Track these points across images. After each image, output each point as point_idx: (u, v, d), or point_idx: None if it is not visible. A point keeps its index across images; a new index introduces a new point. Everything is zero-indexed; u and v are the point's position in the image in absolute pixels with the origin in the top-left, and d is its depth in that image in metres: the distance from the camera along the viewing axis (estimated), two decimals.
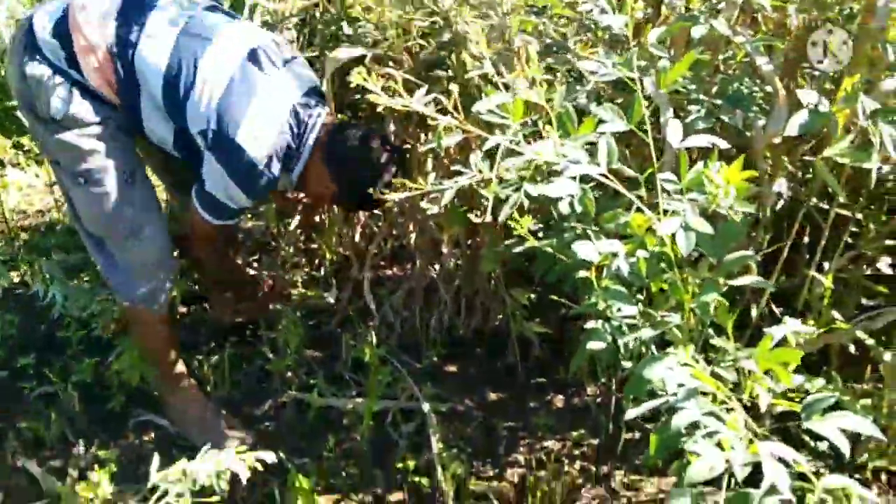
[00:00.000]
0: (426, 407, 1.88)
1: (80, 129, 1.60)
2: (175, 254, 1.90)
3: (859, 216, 1.81)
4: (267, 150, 1.59)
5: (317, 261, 2.52)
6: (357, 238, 2.49)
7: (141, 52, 1.58)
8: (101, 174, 1.64)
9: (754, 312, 1.77)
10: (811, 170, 1.72)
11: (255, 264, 2.51)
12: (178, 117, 1.61)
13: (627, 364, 1.32)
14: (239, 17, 1.79)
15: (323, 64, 1.82)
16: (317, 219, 2.39)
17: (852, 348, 1.86)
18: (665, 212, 1.16)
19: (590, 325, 1.26)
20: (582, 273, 1.26)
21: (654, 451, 1.01)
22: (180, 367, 1.91)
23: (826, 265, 1.73)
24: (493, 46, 1.22)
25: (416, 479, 1.79)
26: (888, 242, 1.82)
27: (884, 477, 1.78)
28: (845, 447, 0.94)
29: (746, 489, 0.95)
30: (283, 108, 1.62)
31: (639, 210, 1.18)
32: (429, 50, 1.56)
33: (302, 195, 2.04)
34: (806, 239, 1.93)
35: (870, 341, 1.68)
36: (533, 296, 2.06)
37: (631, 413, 1.07)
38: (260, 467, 1.04)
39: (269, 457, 1.04)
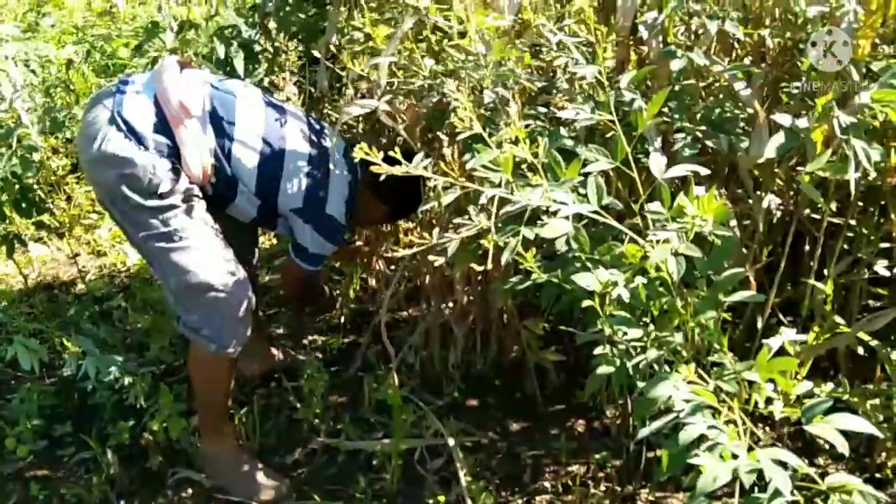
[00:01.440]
0: (451, 442, 1.94)
1: (178, 194, 1.79)
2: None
3: (853, 222, 1.88)
4: (345, 204, 1.97)
5: (336, 308, 2.62)
6: (373, 283, 2.59)
7: (236, 156, 1.86)
8: (194, 227, 1.81)
9: (760, 324, 1.82)
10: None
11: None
12: (269, 200, 1.93)
13: (641, 384, 1.39)
14: (284, 105, 2.02)
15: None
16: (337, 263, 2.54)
17: (861, 351, 1.92)
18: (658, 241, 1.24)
19: (598, 350, 1.33)
20: (586, 302, 1.32)
21: (666, 467, 1.07)
22: (228, 415, 2.01)
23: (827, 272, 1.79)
24: (476, 111, 1.32)
25: None
26: (883, 245, 1.89)
27: None
28: (844, 447, 1.00)
29: (758, 495, 1.01)
30: (345, 169, 1.98)
31: (632, 240, 1.26)
32: (424, 106, 1.66)
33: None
34: (807, 248, 2.00)
35: (874, 342, 1.73)
36: (546, 325, 2.13)
37: (642, 432, 1.13)
38: None
39: None
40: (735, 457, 0.97)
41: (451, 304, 2.20)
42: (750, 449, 0.98)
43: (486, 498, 1.82)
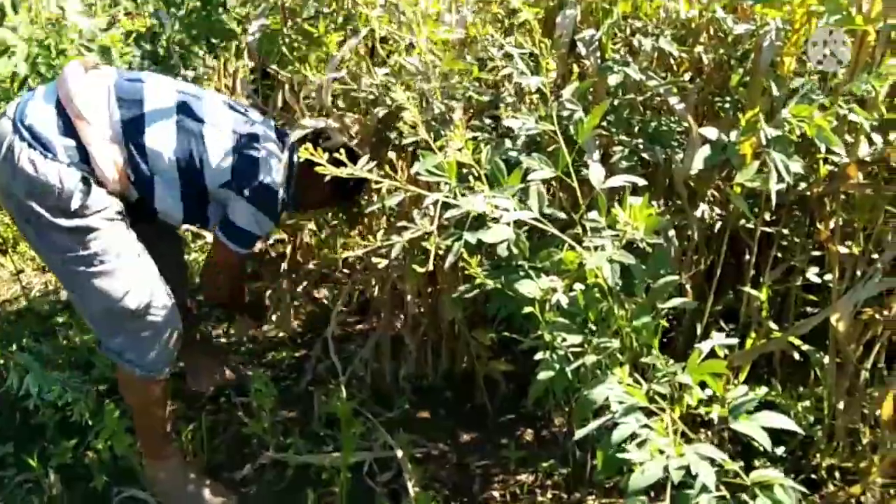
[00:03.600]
0: (400, 454, 1.94)
1: (93, 214, 1.70)
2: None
3: (785, 231, 1.96)
4: (281, 176, 1.87)
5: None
6: (321, 295, 2.59)
7: (150, 145, 1.75)
8: (116, 250, 1.73)
9: (699, 330, 1.88)
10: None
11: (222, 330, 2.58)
12: (196, 182, 1.82)
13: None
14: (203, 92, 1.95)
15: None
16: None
17: (796, 356, 1.99)
18: (595, 248, 1.28)
19: (538, 356, 1.36)
20: (527, 308, 1.36)
21: (601, 465, 1.11)
22: (168, 435, 1.97)
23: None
24: (423, 115, 1.35)
25: None
26: (815, 253, 1.97)
27: (837, 474, 1.88)
28: (766, 442, 1.05)
29: (687, 492, 1.05)
30: (274, 139, 1.90)
31: (570, 248, 1.29)
32: (372, 119, 1.69)
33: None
34: (747, 257, 2.07)
35: (806, 347, 1.80)
36: (495, 336, 2.16)
37: (579, 433, 1.16)
38: None
39: None
40: (663, 453, 1.00)
41: (401, 317, 2.22)
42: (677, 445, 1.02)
43: None
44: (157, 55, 2.23)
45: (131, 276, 1.75)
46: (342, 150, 1.33)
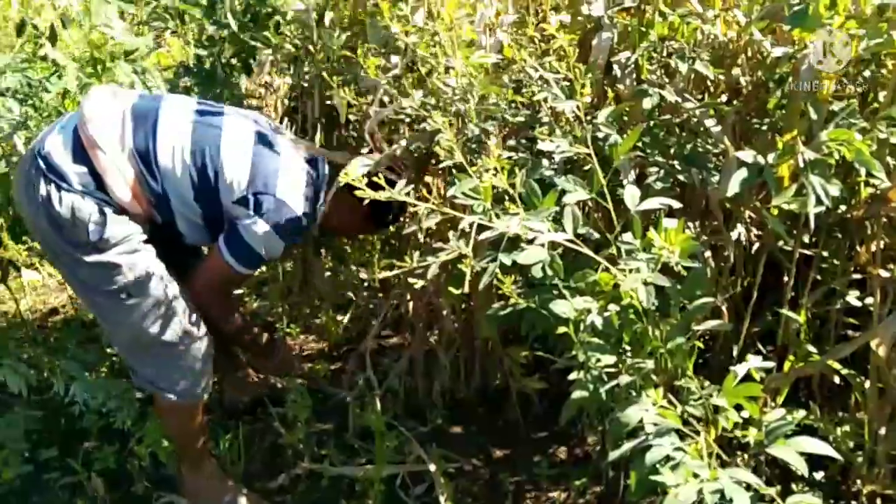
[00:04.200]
0: (433, 467, 1.96)
1: (114, 247, 1.68)
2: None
3: (825, 254, 1.94)
4: (301, 194, 1.78)
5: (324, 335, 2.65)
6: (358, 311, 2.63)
7: (163, 165, 1.70)
8: (143, 284, 1.71)
9: (735, 353, 1.87)
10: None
11: None
12: (214, 201, 1.75)
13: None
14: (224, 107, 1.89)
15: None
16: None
17: (837, 381, 1.96)
18: (630, 270, 1.29)
19: (572, 376, 1.37)
20: (561, 329, 1.37)
21: (635, 488, 1.11)
22: (206, 450, 2.00)
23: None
24: (459, 139, 1.38)
25: None
26: (855, 276, 1.94)
27: (878, 501, 1.85)
28: (803, 468, 1.04)
29: None
30: (299, 158, 1.83)
31: (605, 270, 1.31)
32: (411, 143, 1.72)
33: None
34: (785, 279, 2.06)
35: (846, 371, 1.78)
36: (529, 353, 2.17)
37: (613, 454, 1.17)
38: None
39: None
40: (697, 477, 1.01)
41: (436, 332, 2.25)
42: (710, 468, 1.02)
43: None
44: (203, 73, 2.29)
45: (159, 309, 1.74)
46: (380, 175, 1.36)
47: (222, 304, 1.92)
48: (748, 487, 1.03)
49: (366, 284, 2.74)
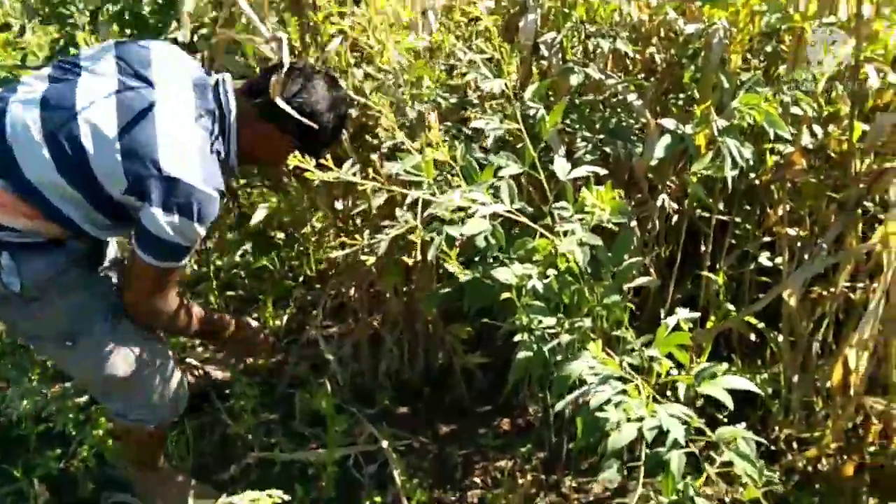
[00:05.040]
0: (385, 444, 2.01)
1: (40, 292, 1.52)
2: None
3: (738, 219, 2.09)
4: (195, 158, 1.46)
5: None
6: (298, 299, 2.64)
7: (27, 173, 1.42)
8: (84, 326, 1.60)
9: (662, 313, 2.00)
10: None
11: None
12: (104, 198, 1.46)
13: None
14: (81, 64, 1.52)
15: None
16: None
17: (753, 337, 2.12)
18: (564, 233, 1.37)
19: (517, 338, 1.45)
20: (505, 295, 1.45)
21: (581, 432, 1.20)
22: (159, 452, 1.96)
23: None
24: (398, 119, 1.43)
25: None
26: (766, 239, 2.10)
27: (794, 444, 2.02)
28: (729, 402, 1.15)
29: (659, 449, 1.14)
30: (183, 104, 1.50)
31: (542, 236, 1.39)
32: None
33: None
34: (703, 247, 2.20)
35: (761, 325, 1.93)
36: (470, 329, 2.24)
37: (558, 406, 1.25)
38: None
39: None
40: (638, 416, 1.10)
41: (378, 317, 2.29)
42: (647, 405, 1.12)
43: (421, 495, 1.90)
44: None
45: (106, 347, 1.62)
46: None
47: (164, 306, 1.63)
48: (682, 422, 1.13)
49: (301, 280, 2.76)
